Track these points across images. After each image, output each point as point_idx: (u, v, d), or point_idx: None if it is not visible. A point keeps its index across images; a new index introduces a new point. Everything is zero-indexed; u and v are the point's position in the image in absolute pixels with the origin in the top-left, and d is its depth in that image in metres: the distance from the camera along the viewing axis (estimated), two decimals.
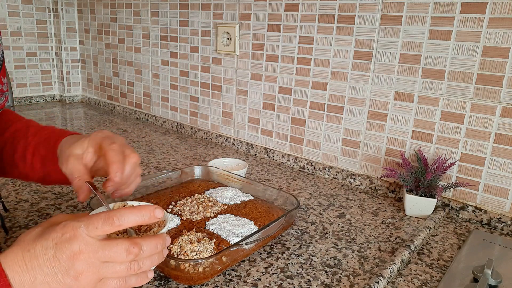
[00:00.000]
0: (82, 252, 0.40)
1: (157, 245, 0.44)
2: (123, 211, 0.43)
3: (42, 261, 0.40)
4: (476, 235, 0.84)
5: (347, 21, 1.06)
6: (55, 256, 0.40)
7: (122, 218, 0.42)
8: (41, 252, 0.40)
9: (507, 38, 0.83)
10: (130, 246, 0.42)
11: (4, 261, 0.40)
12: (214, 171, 0.99)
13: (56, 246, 0.40)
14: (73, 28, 2.02)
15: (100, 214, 0.42)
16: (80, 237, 0.41)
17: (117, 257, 0.42)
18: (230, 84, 1.38)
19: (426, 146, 0.98)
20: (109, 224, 0.41)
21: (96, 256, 0.41)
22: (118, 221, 0.42)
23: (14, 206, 0.87)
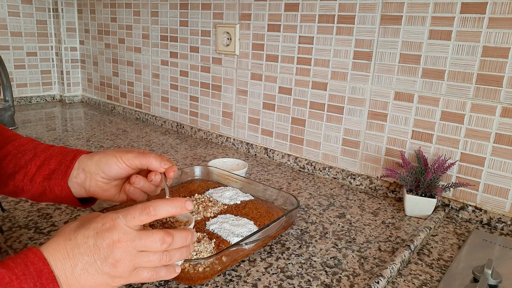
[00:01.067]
0: (120, 241, 0.43)
1: (187, 237, 0.47)
2: (158, 202, 0.46)
3: (83, 249, 0.43)
4: (476, 235, 0.84)
5: (347, 21, 1.06)
6: (96, 244, 0.43)
7: (157, 208, 0.45)
8: (82, 241, 0.43)
9: (507, 38, 0.83)
10: (165, 235, 0.45)
11: (46, 249, 0.42)
12: (214, 171, 0.99)
13: (96, 235, 0.43)
14: (73, 28, 2.02)
15: (137, 205, 0.45)
16: (119, 227, 0.44)
17: (152, 246, 0.44)
18: (230, 84, 1.38)
19: (426, 146, 0.98)
20: (145, 214, 0.45)
21: (133, 245, 0.44)
22: (154, 211, 0.45)
23: (14, 206, 0.87)
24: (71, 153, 0.61)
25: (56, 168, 0.60)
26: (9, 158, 0.61)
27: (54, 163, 0.60)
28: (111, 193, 0.62)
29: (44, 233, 0.76)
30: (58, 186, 0.60)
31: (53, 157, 0.61)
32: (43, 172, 0.60)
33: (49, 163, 0.60)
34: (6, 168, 0.61)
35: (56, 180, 0.59)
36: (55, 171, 0.60)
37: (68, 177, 0.59)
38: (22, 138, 0.65)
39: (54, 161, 0.60)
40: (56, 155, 0.61)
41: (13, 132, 0.67)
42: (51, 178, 0.60)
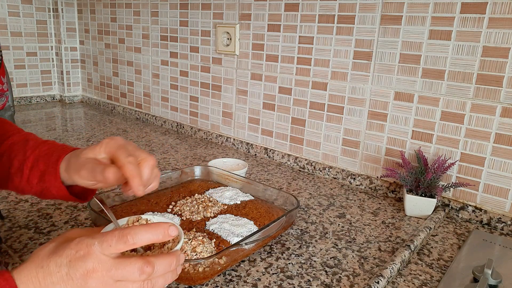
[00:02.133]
0: (95, 271, 0.40)
1: (171, 263, 0.44)
2: (137, 229, 0.42)
3: (56, 278, 0.40)
4: (476, 235, 0.84)
5: (347, 21, 1.06)
6: (69, 274, 0.40)
7: (136, 237, 0.42)
8: (54, 269, 0.40)
9: (507, 38, 0.83)
10: (144, 265, 0.41)
11: (17, 277, 0.40)
12: (214, 171, 0.99)
13: (70, 263, 0.40)
14: (73, 28, 2.02)
15: (114, 232, 0.42)
16: (94, 255, 0.40)
17: (130, 276, 0.41)
18: (230, 84, 1.38)
19: (426, 146, 0.98)
20: (123, 243, 0.41)
21: (109, 275, 0.41)
22: (132, 240, 0.41)
23: (14, 206, 0.87)
24: (55, 154, 0.60)
25: (45, 170, 0.59)
26: (4, 159, 0.62)
27: (42, 165, 0.59)
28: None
29: (44, 233, 0.76)
30: (54, 187, 0.59)
31: (40, 158, 0.60)
32: (35, 174, 0.59)
33: (38, 165, 0.59)
34: (4, 168, 0.61)
35: (50, 182, 0.59)
36: (45, 173, 0.59)
37: (59, 178, 0.58)
38: (15, 135, 0.64)
39: (42, 163, 0.59)
40: (42, 155, 0.60)
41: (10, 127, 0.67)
42: (45, 180, 0.59)
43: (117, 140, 0.56)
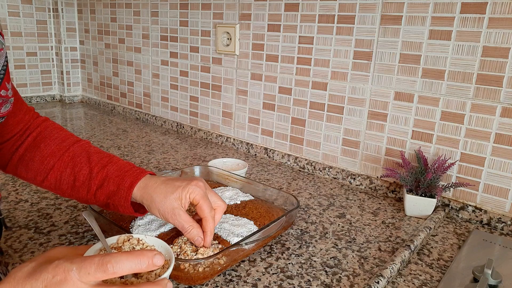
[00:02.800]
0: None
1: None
2: (118, 257, 0.40)
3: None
4: (476, 235, 0.84)
5: (347, 21, 1.06)
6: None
7: (116, 266, 0.39)
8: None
9: (507, 38, 0.83)
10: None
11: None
12: (214, 171, 0.99)
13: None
14: (73, 28, 2.02)
15: (95, 258, 0.40)
16: (71, 282, 0.39)
17: None
18: (230, 84, 1.38)
19: (426, 146, 0.98)
20: (102, 271, 0.39)
21: None
22: (112, 269, 0.39)
23: (14, 206, 0.87)
24: (128, 179, 0.63)
25: (116, 191, 0.63)
26: (68, 171, 0.65)
27: (113, 186, 0.63)
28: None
29: (44, 233, 0.76)
30: (121, 207, 0.63)
31: (110, 179, 0.64)
32: (104, 191, 0.64)
33: (108, 185, 0.64)
34: (68, 180, 0.66)
35: (119, 202, 0.63)
36: (116, 193, 0.63)
37: (129, 202, 0.63)
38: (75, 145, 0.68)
39: (112, 184, 0.64)
40: (112, 177, 0.64)
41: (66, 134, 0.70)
42: (114, 199, 0.63)
43: (201, 188, 0.63)
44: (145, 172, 0.65)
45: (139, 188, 0.62)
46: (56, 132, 0.69)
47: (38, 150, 0.66)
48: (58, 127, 0.71)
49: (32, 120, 0.69)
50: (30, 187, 0.97)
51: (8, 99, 0.59)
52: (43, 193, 0.94)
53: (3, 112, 0.59)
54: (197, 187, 0.63)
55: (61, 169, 0.66)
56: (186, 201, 0.62)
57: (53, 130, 0.70)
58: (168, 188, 0.62)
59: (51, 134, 0.69)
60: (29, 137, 0.67)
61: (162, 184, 0.62)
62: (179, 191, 0.61)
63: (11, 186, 0.97)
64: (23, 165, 0.66)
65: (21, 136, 0.67)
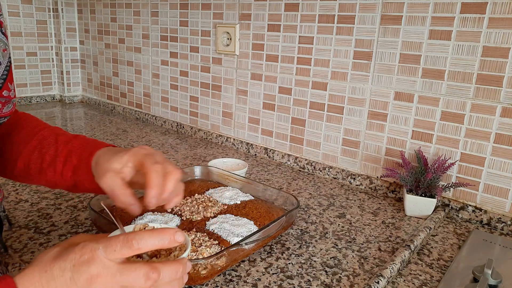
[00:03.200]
0: (99, 276, 0.40)
1: (177, 270, 0.43)
2: (142, 234, 0.41)
3: (59, 283, 0.40)
4: (476, 235, 0.84)
5: (347, 21, 1.06)
6: (73, 279, 0.39)
7: (141, 242, 0.41)
8: (58, 274, 0.40)
9: (507, 38, 0.83)
10: (149, 272, 0.40)
11: (20, 282, 0.39)
12: (214, 171, 0.99)
13: (73, 268, 0.40)
14: (73, 28, 2.02)
15: (119, 236, 0.41)
16: (98, 260, 0.40)
17: (135, 282, 0.40)
18: (230, 84, 1.38)
19: (426, 146, 0.98)
20: (127, 248, 0.41)
21: (113, 280, 0.40)
22: (137, 245, 0.41)
23: (14, 206, 0.87)
24: (88, 149, 0.61)
25: (78, 164, 0.60)
26: (36, 154, 0.63)
27: (75, 159, 0.61)
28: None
29: (44, 233, 0.76)
30: (87, 181, 0.60)
31: (73, 152, 0.61)
32: (68, 167, 0.61)
33: (71, 159, 0.61)
34: (36, 163, 0.62)
35: (83, 176, 0.60)
36: (79, 167, 0.60)
37: (90, 172, 0.59)
38: (44, 130, 0.66)
39: (75, 157, 0.61)
40: (75, 150, 0.62)
41: (37, 122, 0.68)
42: (78, 174, 0.60)
43: (146, 149, 0.57)
44: (108, 144, 0.62)
45: (95, 157, 0.59)
46: (27, 120, 0.67)
47: (9, 139, 0.65)
48: (30, 116, 0.69)
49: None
50: (30, 187, 0.97)
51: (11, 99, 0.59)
52: (43, 193, 0.94)
53: (5, 112, 0.59)
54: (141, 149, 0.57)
55: (29, 153, 0.63)
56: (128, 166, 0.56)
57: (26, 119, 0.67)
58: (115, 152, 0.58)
59: (22, 122, 0.67)
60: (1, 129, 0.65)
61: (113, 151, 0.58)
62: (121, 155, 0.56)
63: (11, 186, 0.97)
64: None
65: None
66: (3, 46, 0.56)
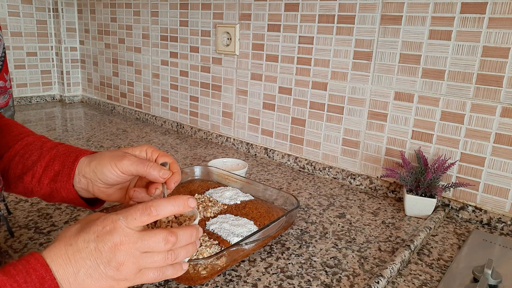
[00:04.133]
0: (122, 243, 0.42)
1: (191, 234, 0.46)
2: (159, 201, 0.45)
3: (85, 253, 0.42)
4: (476, 235, 0.84)
5: (347, 21, 1.06)
6: (97, 248, 0.42)
7: (159, 208, 0.44)
8: (83, 245, 0.42)
9: (507, 38, 0.83)
10: (168, 235, 0.44)
11: (48, 255, 0.41)
12: (214, 171, 0.99)
13: (97, 238, 0.42)
14: (73, 28, 2.02)
15: (138, 205, 0.44)
16: (120, 229, 0.43)
17: (155, 247, 0.43)
18: (230, 84, 1.38)
19: (426, 146, 0.98)
20: (147, 214, 0.44)
21: (135, 247, 0.43)
22: (155, 211, 0.44)
23: (14, 206, 0.87)
24: (73, 154, 0.59)
25: (60, 170, 0.58)
26: (17, 159, 0.60)
27: (58, 165, 0.59)
28: (116, 196, 0.60)
29: (44, 233, 0.76)
30: (64, 189, 0.58)
31: (57, 158, 0.59)
32: (48, 173, 0.59)
33: (53, 164, 0.59)
34: (15, 169, 0.60)
35: (62, 183, 0.58)
36: (59, 173, 0.58)
37: (72, 180, 0.58)
38: (30, 136, 0.64)
39: (58, 163, 0.59)
40: (59, 156, 0.60)
41: (23, 129, 0.66)
42: (57, 181, 0.58)
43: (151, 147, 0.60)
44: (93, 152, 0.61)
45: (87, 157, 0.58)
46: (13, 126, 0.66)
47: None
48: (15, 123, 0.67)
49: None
50: None
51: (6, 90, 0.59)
52: None
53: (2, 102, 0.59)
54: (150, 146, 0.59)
55: (10, 158, 0.61)
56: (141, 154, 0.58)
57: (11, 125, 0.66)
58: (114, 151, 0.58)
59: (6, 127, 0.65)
60: None
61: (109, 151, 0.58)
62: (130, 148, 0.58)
63: None
64: None
65: None
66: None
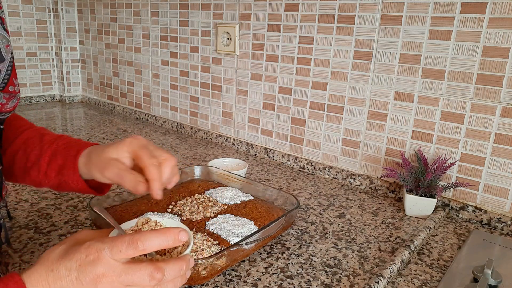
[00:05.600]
0: (105, 275, 0.41)
1: (180, 268, 0.44)
2: (147, 234, 0.42)
3: (65, 282, 0.40)
4: (476, 235, 0.84)
5: (347, 21, 1.06)
6: (78, 278, 0.40)
7: (146, 242, 0.42)
8: (64, 273, 0.41)
9: (507, 38, 0.83)
10: (154, 272, 0.41)
11: (28, 280, 0.40)
12: (214, 171, 0.99)
13: (79, 267, 0.41)
14: (73, 28, 2.02)
15: (125, 237, 0.42)
16: (103, 260, 0.41)
17: (140, 282, 0.42)
18: (230, 84, 1.38)
19: (426, 146, 0.98)
20: (133, 248, 0.41)
21: (119, 280, 0.41)
22: (142, 246, 0.41)
23: (14, 206, 0.87)
24: (73, 149, 0.61)
25: (64, 164, 0.60)
26: (20, 154, 0.63)
27: (60, 159, 0.61)
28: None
29: (44, 233, 0.76)
30: (73, 181, 0.60)
31: (58, 152, 0.61)
32: (53, 167, 0.61)
33: (56, 159, 0.61)
34: (20, 163, 0.63)
35: (69, 176, 0.60)
36: (64, 167, 0.60)
37: (77, 172, 0.59)
38: (29, 130, 0.65)
39: (60, 157, 0.61)
40: (60, 150, 0.61)
41: (23, 122, 0.68)
42: (64, 174, 0.60)
43: (140, 140, 0.58)
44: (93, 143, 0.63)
45: (84, 155, 0.60)
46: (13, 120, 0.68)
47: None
48: (16, 115, 0.69)
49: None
50: (30, 187, 0.97)
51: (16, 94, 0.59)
52: (43, 193, 0.94)
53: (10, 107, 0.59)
54: (135, 139, 0.58)
55: (13, 153, 0.63)
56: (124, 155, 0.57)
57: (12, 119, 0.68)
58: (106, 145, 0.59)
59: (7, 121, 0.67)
60: None
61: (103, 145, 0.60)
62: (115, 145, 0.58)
63: (11, 186, 0.97)
64: None
65: None
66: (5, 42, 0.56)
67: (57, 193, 0.94)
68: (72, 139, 0.65)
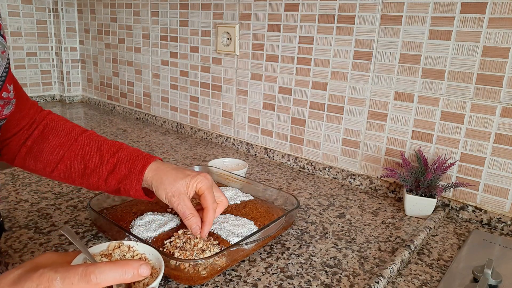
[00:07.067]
0: None
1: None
2: (103, 267, 0.40)
3: None
4: (476, 235, 0.84)
5: (347, 21, 1.06)
6: None
7: (100, 276, 0.39)
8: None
9: (507, 38, 0.83)
10: None
11: None
12: (214, 171, 0.99)
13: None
14: (73, 28, 2.02)
15: (79, 268, 0.40)
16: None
17: None
18: (230, 84, 1.38)
19: (426, 146, 0.98)
20: (85, 282, 0.39)
21: None
22: (95, 279, 0.39)
23: (14, 206, 0.87)
24: (139, 163, 0.66)
25: (127, 175, 0.66)
26: (78, 159, 0.68)
27: (124, 170, 0.66)
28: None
29: (44, 233, 0.76)
30: (132, 190, 0.66)
31: (122, 164, 0.67)
32: (115, 176, 0.66)
33: (119, 169, 0.66)
34: (78, 168, 0.68)
35: (131, 185, 0.66)
36: (127, 177, 0.66)
37: (140, 184, 0.65)
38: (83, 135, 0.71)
39: (124, 168, 0.66)
40: (123, 162, 0.67)
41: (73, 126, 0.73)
42: (125, 183, 0.66)
43: (209, 180, 0.67)
44: (155, 157, 0.69)
45: (150, 170, 0.66)
46: (62, 124, 0.73)
47: (47, 142, 0.69)
48: (62, 118, 0.75)
49: (37, 114, 0.73)
50: (30, 187, 0.97)
51: (10, 100, 0.59)
52: (43, 193, 0.94)
53: (6, 114, 0.59)
54: (205, 179, 0.67)
55: (71, 158, 0.68)
56: (193, 189, 0.66)
57: (59, 122, 0.73)
58: (178, 174, 0.66)
59: (57, 125, 0.72)
60: (36, 130, 0.70)
61: (173, 170, 0.66)
62: (188, 179, 0.65)
63: (11, 186, 0.97)
64: (32, 157, 0.69)
65: (28, 130, 0.70)
66: (1, 48, 0.56)
67: (57, 193, 0.94)
68: (132, 150, 0.70)
